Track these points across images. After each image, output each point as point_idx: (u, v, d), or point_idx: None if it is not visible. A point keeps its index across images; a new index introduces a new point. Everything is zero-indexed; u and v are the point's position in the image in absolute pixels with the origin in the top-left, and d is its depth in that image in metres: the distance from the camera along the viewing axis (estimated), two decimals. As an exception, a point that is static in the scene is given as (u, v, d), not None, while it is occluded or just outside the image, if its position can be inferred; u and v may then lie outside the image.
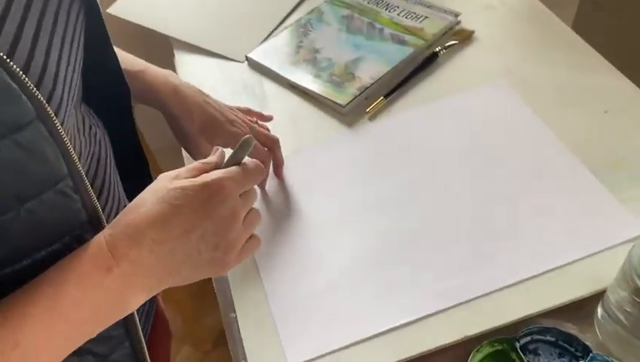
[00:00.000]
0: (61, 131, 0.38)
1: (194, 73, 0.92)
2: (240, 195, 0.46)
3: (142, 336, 0.49)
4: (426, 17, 0.93)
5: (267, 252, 0.67)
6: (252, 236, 0.50)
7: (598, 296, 0.58)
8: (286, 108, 0.85)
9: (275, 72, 0.89)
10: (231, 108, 0.71)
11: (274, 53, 0.91)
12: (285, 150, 0.73)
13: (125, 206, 0.45)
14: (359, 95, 0.82)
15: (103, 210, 0.45)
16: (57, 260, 0.39)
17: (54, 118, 0.38)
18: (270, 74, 0.90)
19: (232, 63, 0.93)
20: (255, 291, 0.64)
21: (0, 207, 0.35)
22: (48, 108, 0.37)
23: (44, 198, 0.37)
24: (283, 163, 0.74)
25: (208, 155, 0.51)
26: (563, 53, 0.86)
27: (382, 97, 0.82)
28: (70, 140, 0.40)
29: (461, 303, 0.59)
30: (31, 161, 0.36)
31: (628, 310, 0.53)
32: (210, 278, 0.67)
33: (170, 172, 0.46)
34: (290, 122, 0.82)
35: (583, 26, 1.06)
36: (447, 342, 0.57)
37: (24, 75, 0.35)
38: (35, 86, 0.36)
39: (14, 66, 0.35)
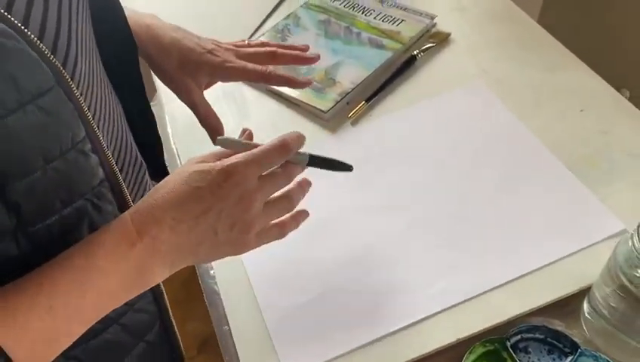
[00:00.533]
0: (77, 94, 0.41)
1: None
2: (261, 178, 0.48)
3: (162, 286, 0.53)
4: (403, 20, 0.94)
5: (257, 262, 0.67)
6: (278, 224, 0.52)
7: (584, 293, 0.59)
8: (267, 115, 0.85)
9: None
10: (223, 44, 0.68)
11: None
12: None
13: (142, 164, 0.52)
14: (340, 100, 0.83)
15: (122, 167, 0.50)
16: (82, 216, 0.43)
17: (70, 81, 0.40)
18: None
19: (211, 71, 0.93)
20: (247, 302, 0.64)
21: (29, 167, 0.38)
22: (65, 73, 0.39)
23: (68, 157, 0.41)
24: (301, 51, 0.68)
25: (192, 92, 0.59)
26: (537, 52, 0.88)
27: (363, 102, 0.83)
28: (85, 101, 0.43)
29: (452, 306, 0.60)
30: (53, 123, 0.39)
31: (613, 305, 0.54)
32: (197, 286, 0.68)
33: (197, 156, 0.49)
34: (271, 128, 0.82)
35: (548, 21, 1.08)
36: (440, 346, 0.58)
37: (40, 43, 0.37)
38: (51, 52, 0.39)
39: (32, 35, 0.37)
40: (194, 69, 0.64)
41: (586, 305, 0.59)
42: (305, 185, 0.54)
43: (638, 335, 0.54)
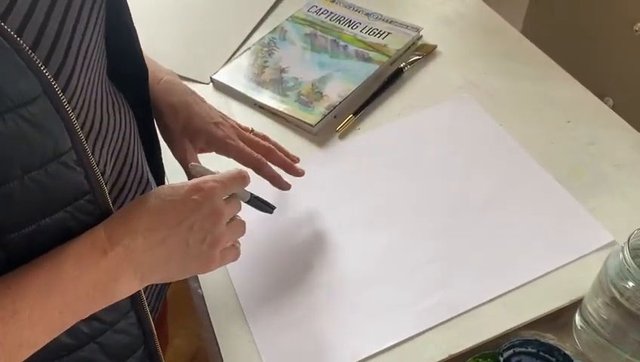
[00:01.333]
0: (67, 106, 0.40)
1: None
2: (226, 199, 0.51)
3: (147, 309, 0.51)
4: (389, 33, 0.94)
5: (245, 278, 0.66)
6: (235, 246, 0.54)
7: (575, 306, 0.59)
8: (255, 129, 0.84)
9: (241, 93, 0.88)
10: (238, 126, 0.70)
11: (239, 73, 0.91)
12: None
13: (149, 181, 0.54)
14: (328, 114, 0.82)
15: (124, 183, 0.52)
16: (61, 227, 0.43)
17: (61, 93, 0.40)
18: (236, 95, 0.89)
19: (197, 85, 0.92)
20: (236, 320, 0.63)
21: (5, 175, 0.38)
22: (55, 84, 0.39)
23: (48, 169, 0.40)
24: (292, 161, 0.71)
25: (187, 153, 0.62)
26: (523, 64, 0.88)
27: (351, 115, 0.82)
28: (79, 115, 0.44)
29: (442, 322, 0.60)
30: (36, 134, 0.38)
31: (605, 318, 0.54)
32: (185, 301, 0.67)
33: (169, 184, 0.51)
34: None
35: (531, 32, 1.09)
36: (433, 362, 0.57)
37: (32, 52, 0.37)
38: (44, 61, 0.39)
39: (23, 44, 0.36)
40: (195, 133, 0.66)
41: (577, 318, 0.59)
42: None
43: (630, 347, 0.54)
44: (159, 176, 0.68)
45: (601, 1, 1.43)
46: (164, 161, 0.68)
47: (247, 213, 0.72)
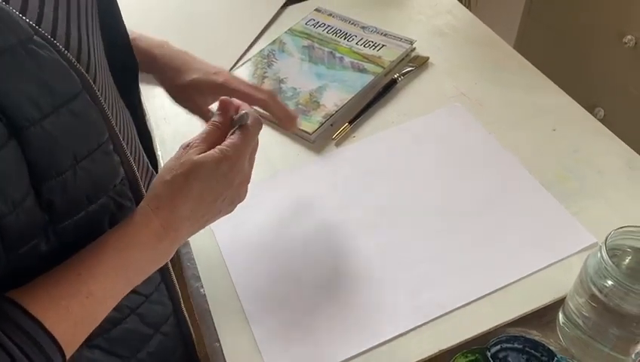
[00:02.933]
0: (100, 98, 0.45)
1: (164, 105, 0.94)
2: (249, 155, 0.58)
3: (175, 279, 0.58)
4: (383, 45, 0.98)
5: (247, 278, 0.69)
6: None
7: (559, 304, 0.62)
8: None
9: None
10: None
11: None
12: (256, 177, 0.75)
13: (147, 165, 0.60)
14: (325, 122, 0.86)
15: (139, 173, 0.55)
16: (105, 212, 0.48)
17: (94, 87, 0.44)
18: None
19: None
20: (237, 318, 0.66)
21: (61, 166, 0.42)
22: (89, 79, 0.44)
23: (94, 157, 0.45)
24: (292, 113, 0.70)
25: (202, 107, 0.69)
26: (512, 75, 0.92)
27: (347, 124, 0.86)
28: (108, 107, 0.47)
29: (433, 319, 0.63)
30: (82, 125, 0.43)
31: (586, 315, 0.57)
32: (186, 301, 0.70)
33: (186, 142, 0.55)
34: (259, 150, 0.84)
35: (524, 47, 1.13)
36: (423, 357, 0.60)
37: (67, 52, 0.42)
38: (76, 60, 0.43)
39: (59, 45, 0.41)
40: (202, 85, 0.70)
41: (561, 316, 0.62)
42: None
43: (611, 342, 0.57)
44: (153, 165, 0.72)
45: (592, 14, 1.48)
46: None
47: (250, 216, 0.75)
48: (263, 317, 0.65)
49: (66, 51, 0.42)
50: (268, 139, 0.87)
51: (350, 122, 0.86)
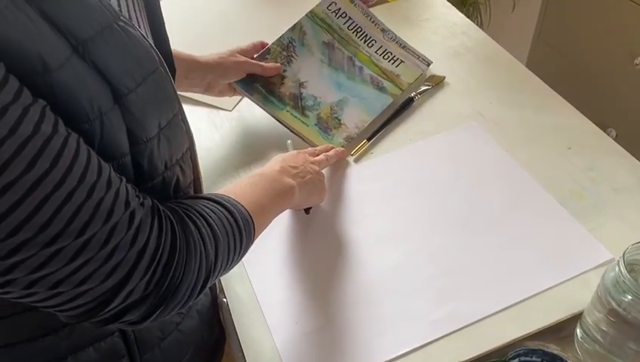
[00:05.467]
0: (169, 73, 0.49)
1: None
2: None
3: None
4: (402, 62, 0.99)
5: (268, 288, 0.70)
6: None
7: (577, 319, 0.63)
8: (275, 142, 0.89)
9: (263, 107, 0.91)
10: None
11: (256, 82, 0.91)
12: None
13: None
14: (346, 145, 0.88)
15: None
16: (173, 178, 0.53)
17: (165, 64, 0.49)
18: (257, 106, 0.92)
19: (221, 112, 0.98)
20: (259, 328, 0.67)
21: (149, 133, 0.47)
22: (161, 58, 0.49)
23: (171, 124, 0.50)
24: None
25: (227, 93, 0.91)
26: (527, 95, 0.94)
27: (365, 140, 0.88)
28: None
29: (452, 332, 0.64)
30: (163, 95, 0.48)
31: (604, 329, 0.58)
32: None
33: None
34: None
35: (536, 66, 1.15)
36: (443, 369, 0.61)
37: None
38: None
39: (135, 25, 0.46)
40: (226, 70, 0.87)
41: (578, 330, 0.63)
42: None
43: (629, 357, 0.58)
44: None
45: (603, 36, 1.50)
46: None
47: (271, 229, 0.77)
48: (284, 325, 0.67)
49: (140, 30, 0.46)
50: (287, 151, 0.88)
51: (368, 139, 0.88)
